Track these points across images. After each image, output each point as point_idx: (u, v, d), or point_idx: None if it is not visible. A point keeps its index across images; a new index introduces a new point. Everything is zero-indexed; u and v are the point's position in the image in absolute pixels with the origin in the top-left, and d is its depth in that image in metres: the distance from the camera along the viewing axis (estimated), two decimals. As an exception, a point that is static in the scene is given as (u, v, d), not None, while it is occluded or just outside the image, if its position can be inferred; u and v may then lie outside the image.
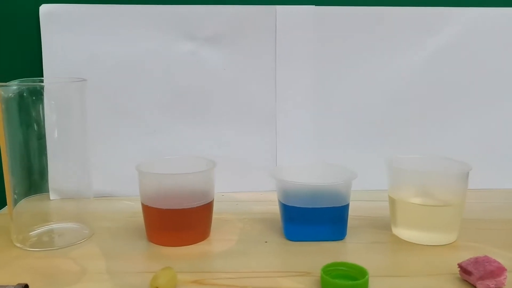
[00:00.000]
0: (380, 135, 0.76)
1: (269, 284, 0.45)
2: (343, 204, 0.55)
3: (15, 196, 0.56)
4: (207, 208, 0.56)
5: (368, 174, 0.62)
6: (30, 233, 0.57)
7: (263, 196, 0.73)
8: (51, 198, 0.66)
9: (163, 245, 0.55)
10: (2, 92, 0.54)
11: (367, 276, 0.43)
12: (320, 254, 0.52)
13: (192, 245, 0.55)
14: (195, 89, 0.74)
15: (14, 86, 0.54)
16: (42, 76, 0.70)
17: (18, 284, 0.44)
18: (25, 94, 0.55)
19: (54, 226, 0.60)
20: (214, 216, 0.58)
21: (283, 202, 0.55)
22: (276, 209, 0.64)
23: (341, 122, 0.75)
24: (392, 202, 0.57)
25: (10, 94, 0.54)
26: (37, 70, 0.71)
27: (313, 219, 0.55)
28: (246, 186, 0.75)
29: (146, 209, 0.55)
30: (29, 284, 0.44)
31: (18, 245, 0.55)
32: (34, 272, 0.48)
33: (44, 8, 0.70)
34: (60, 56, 0.70)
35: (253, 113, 0.75)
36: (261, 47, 0.74)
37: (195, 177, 0.55)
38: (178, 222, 0.54)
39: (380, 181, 0.59)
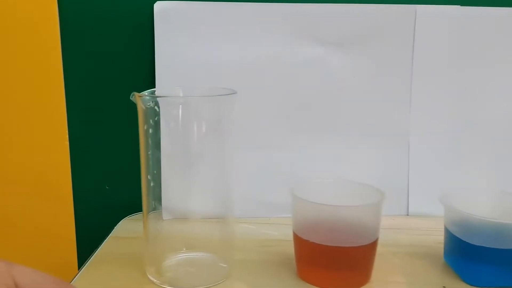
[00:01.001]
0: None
1: None
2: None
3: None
4: (373, 247, 0.47)
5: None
6: (163, 264, 0.50)
7: (398, 223, 0.64)
8: (164, 218, 0.59)
9: (318, 286, 0.47)
10: (142, 105, 0.46)
11: None
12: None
13: (355, 288, 0.47)
14: (320, 99, 0.65)
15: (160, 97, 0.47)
16: (154, 80, 0.63)
17: None
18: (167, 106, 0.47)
19: (186, 256, 0.52)
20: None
21: (464, 240, 0.47)
22: (429, 240, 0.56)
23: (487, 144, 0.66)
24: None
25: (151, 106, 0.46)
26: (147, 74, 0.64)
27: (504, 261, 0.46)
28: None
29: (302, 242, 0.47)
30: None
31: (153, 279, 0.47)
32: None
33: (158, 6, 0.62)
34: (173, 59, 0.63)
35: (384, 129, 0.66)
36: (396, 52, 0.65)
37: (365, 210, 0.47)
38: (340, 260, 0.46)
39: None
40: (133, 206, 0.66)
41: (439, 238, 0.52)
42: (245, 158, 0.65)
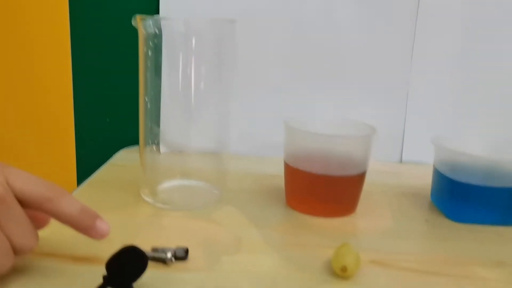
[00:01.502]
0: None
1: (468, 273, 0.38)
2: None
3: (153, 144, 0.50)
4: (361, 178, 0.49)
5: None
6: (156, 187, 0.52)
7: (390, 168, 0.65)
8: (162, 151, 0.60)
9: (306, 213, 0.48)
10: (143, 29, 0.47)
11: None
12: (501, 240, 0.44)
13: (340, 218, 0.48)
14: (323, 45, 0.65)
15: (158, 20, 0.47)
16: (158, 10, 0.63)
17: (179, 247, 0.38)
18: (167, 32, 0.48)
19: (181, 182, 0.54)
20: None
21: (451, 178, 0.48)
22: (419, 184, 0.57)
23: (487, 98, 0.66)
24: None
25: (153, 31, 0.47)
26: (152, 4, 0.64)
27: (487, 199, 0.47)
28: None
29: (294, 172, 0.48)
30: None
31: (148, 199, 0.49)
32: (182, 235, 0.42)
33: None
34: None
35: (384, 76, 0.66)
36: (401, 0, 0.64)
37: (355, 142, 0.48)
38: (329, 190, 0.48)
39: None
40: (133, 140, 0.68)
41: (429, 183, 0.54)
42: (245, 97, 0.66)
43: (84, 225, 0.34)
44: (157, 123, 0.50)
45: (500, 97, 0.66)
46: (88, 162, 0.68)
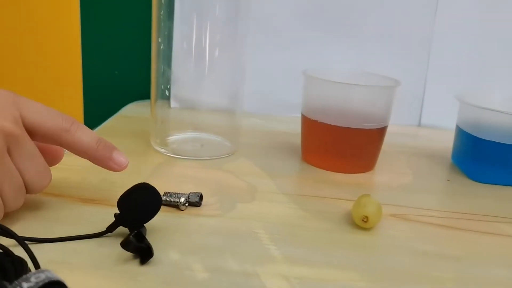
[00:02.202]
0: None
1: (488, 229, 0.37)
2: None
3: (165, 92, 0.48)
4: (382, 133, 0.47)
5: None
6: (167, 138, 0.50)
7: (407, 130, 0.63)
8: (172, 106, 0.59)
9: (323, 168, 0.46)
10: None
11: None
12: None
13: (358, 174, 0.46)
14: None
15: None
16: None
17: (192, 193, 0.36)
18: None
19: (192, 134, 0.52)
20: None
21: (475, 135, 0.46)
22: (438, 146, 0.55)
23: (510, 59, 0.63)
24: None
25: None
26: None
27: (509, 157, 0.45)
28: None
29: (311, 124, 0.46)
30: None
31: (159, 149, 0.48)
32: (194, 182, 0.41)
33: None
34: None
35: (405, 34, 0.63)
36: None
37: (376, 92, 0.45)
38: (348, 144, 0.46)
39: None
40: (141, 95, 0.66)
41: (449, 146, 0.52)
42: (260, 54, 0.64)
43: (102, 156, 0.33)
44: (169, 66, 0.48)
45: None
46: (96, 115, 0.66)
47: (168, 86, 0.48)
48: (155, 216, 0.31)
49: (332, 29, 0.63)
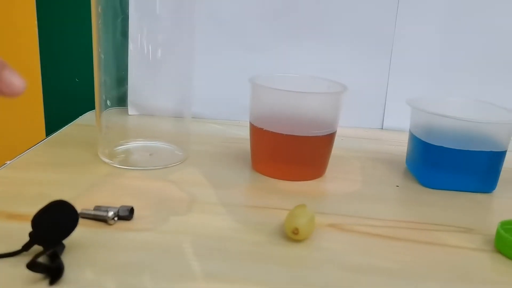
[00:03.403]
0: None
1: (428, 239, 0.36)
2: (501, 150, 0.44)
3: (106, 102, 0.47)
4: (330, 139, 0.46)
5: None
6: (115, 149, 0.49)
7: (369, 134, 0.62)
8: (130, 113, 0.58)
9: (272, 177, 0.46)
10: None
11: None
12: (474, 208, 0.42)
13: (307, 181, 0.46)
14: (304, 2, 0.61)
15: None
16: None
17: (123, 206, 0.35)
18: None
19: (142, 143, 0.51)
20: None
21: (425, 140, 0.45)
22: (396, 150, 0.55)
23: (473, 55, 0.62)
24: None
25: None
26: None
27: (461, 164, 0.44)
28: (351, 121, 0.62)
29: (259, 132, 0.46)
30: (134, 208, 0.36)
31: (106, 160, 0.47)
32: (134, 194, 0.40)
33: None
34: None
35: (367, 38, 0.62)
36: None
37: (324, 100, 0.45)
38: (296, 151, 0.45)
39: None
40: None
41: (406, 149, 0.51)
42: (222, 58, 0.63)
43: None
44: (110, 75, 0.47)
45: (486, 60, 0.62)
46: (57, 122, 0.65)
47: (110, 97, 0.47)
48: (79, 232, 0.30)
49: (298, 33, 0.63)
